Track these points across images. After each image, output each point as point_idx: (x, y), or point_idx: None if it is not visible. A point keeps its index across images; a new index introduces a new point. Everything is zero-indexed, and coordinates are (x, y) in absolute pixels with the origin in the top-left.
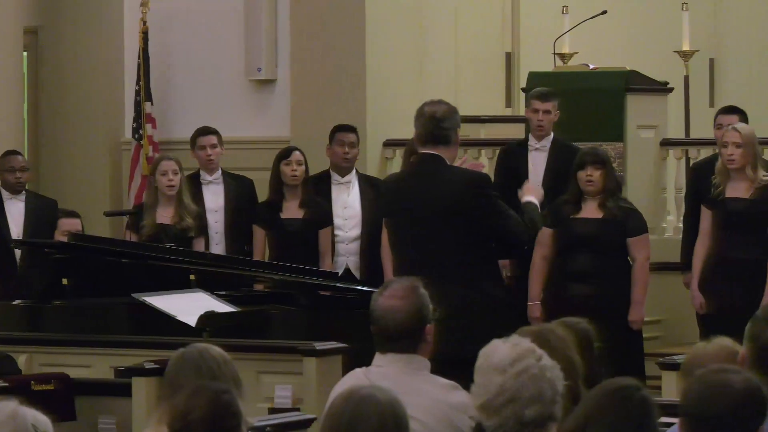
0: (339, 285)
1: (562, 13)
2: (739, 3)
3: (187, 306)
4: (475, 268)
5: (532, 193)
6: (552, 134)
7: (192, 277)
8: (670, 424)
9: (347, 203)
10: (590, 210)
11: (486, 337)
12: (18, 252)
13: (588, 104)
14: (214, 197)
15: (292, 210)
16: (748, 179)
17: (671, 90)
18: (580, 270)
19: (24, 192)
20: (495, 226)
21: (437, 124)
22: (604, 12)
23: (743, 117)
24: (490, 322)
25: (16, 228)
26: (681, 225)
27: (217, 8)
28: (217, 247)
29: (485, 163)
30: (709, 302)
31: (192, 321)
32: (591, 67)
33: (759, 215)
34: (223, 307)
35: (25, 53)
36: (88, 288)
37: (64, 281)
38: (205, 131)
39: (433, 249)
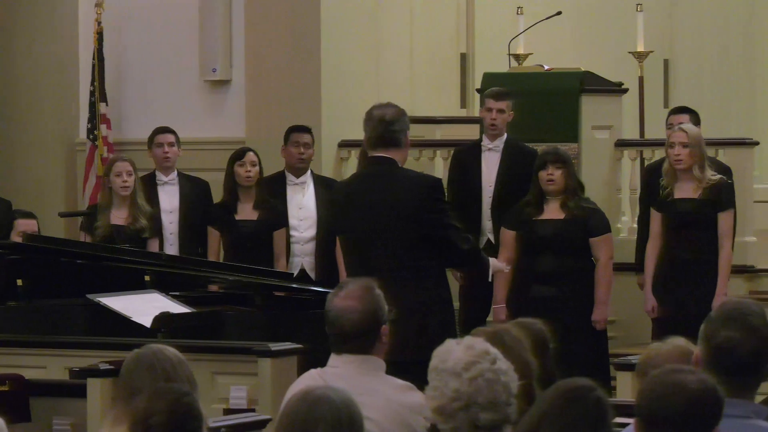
0: (294, 286)
1: (517, 14)
2: (693, 4)
3: (142, 307)
4: (426, 269)
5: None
6: (506, 135)
7: (147, 277)
8: (625, 425)
9: (302, 204)
10: (552, 211)
11: (438, 338)
12: None
13: (543, 105)
14: (169, 198)
15: (246, 211)
16: (696, 179)
17: (626, 91)
18: (544, 271)
19: None
20: (439, 233)
21: (387, 127)
22: (559, 13)
23: (694, 117)
24: (438, 323)
25: None
26: (635, 226)
27: (172, 9)
28: (171, 248)
29: (440, 163)
30: (662, 304)
31: (147, 322)
32: (546, 68)
33: (708, 215)
34: (178, 308)
35: None
36: (43, 289)
37: (19, 282)
38: (164, 130)
39: (385, 251)
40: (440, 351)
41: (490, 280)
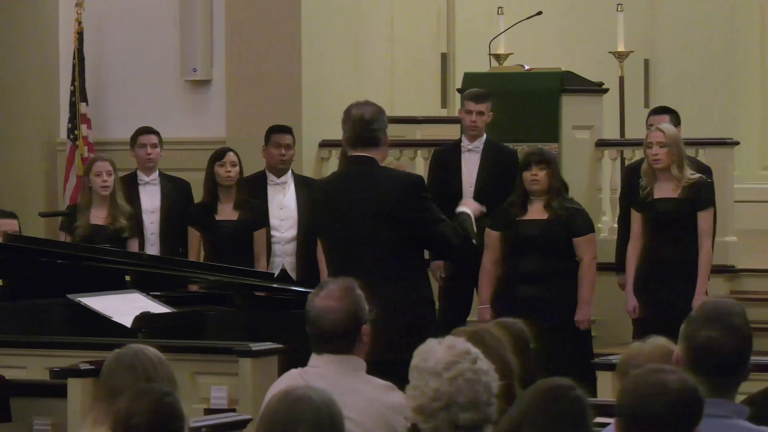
0: (275, 286)
1: (498, 13)
2: (673, 4)
3: (123, 307)
4: (408, 269)
5: (468, 206)
6: (485, 135)
7: (127, 277)
8: (605, 425)
9: (283, 204)
10: (536, 211)
11: (422, 337)
12: None
13: (523, 105)
14: (151, 198)
15: (227, 211)
16: (675, 178)
17: (606, 91)
18: (528, 272)
19: None
20: (428, 231)
21: (366, 126)
22: (539, 13)
23: (674, 117)
24: (422, 322)
25: None
26: (616, 226)
27: (153, 9)
28: (152, 248)
29: (421, 163)
30: (643, 304)
31: (127, 322)
32: (526, 67)
33: (688, 214)
34: (158, 308)
35: None
36: (24, 289)
37: None
38: (147, 130)
39: (368, 250)
40: (421, 350)
41: (476, 230)
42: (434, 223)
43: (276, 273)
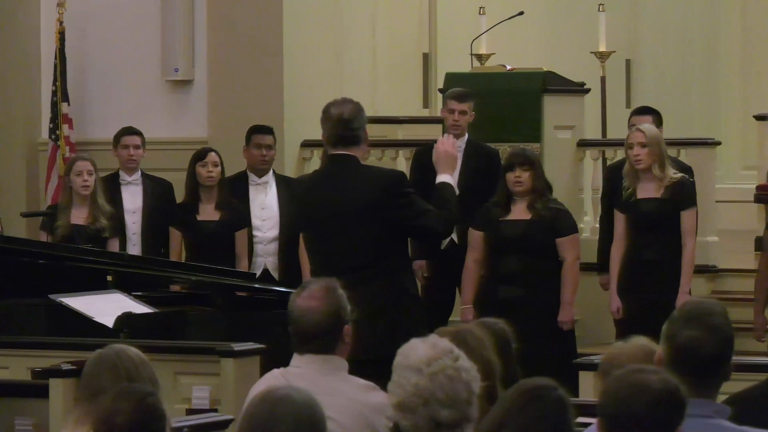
0: (257, 286)
1: (479, 13)
2: (654, 4)
3: (105, 307)
4: (393, 266)
5: (446, 169)
6: (467, 135)
7: (109, 278)
8: (587, 424)
9: (265, 204)
10: (519, 212)
11: (406, 335)
12: None
13: (505, 105)
14: (133, 198)
15: (208, 212)
16: (657, 178)
17: (588, 91)
18: (510, 272)
19: None
20: (414, 224)
21: (346, 125)
22: (521, 13)
23: (657, 117)
24: (410, 320)
25: None
26: (598, 226)
27: (134, 9)
28: (134, 248)
29: (403, 163)
30: (626, 305)
31: (109, 322)
32: (508, 68)
33: (671, 213)
34: (140, 308)
35: None
36: (5, 289)
37: None
38: (130, 131)
39: (352, 248)
40: (404, 348)
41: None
42: (420, 215)
43: (258, 273)
